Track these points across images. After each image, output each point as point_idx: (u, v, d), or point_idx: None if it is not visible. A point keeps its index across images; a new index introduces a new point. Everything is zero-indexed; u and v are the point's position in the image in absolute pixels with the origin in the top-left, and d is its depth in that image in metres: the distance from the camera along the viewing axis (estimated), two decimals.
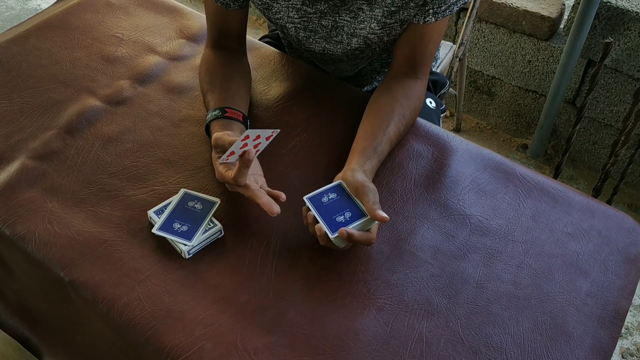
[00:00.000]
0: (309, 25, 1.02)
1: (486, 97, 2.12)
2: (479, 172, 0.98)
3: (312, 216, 0.84)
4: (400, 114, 0.98)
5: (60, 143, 0.99)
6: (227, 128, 0.92)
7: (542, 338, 0.79)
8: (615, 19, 1.67)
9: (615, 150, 1.57)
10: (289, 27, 1.04)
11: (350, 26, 0.99)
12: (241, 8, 1.03)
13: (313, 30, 1.03)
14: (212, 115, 0.94)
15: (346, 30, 1.01)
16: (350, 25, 0.99)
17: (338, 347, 0.76)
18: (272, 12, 1.02)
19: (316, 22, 1.01)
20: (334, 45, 1.05)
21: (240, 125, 0.94)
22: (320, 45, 1.05)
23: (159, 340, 0.76)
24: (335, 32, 1.02)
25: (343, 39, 1.02)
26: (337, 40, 1.03)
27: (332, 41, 1.04)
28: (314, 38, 1.04)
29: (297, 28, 1.03)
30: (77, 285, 0.82)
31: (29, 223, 0.88)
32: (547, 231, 0.91)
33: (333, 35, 1.02)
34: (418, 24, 0.96)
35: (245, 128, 0.95)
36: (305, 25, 1.02)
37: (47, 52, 1.16)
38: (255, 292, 0.81)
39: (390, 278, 0.84)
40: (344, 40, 1.03)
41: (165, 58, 1.16)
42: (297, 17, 1.01)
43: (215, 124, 0.93)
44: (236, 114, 0.94)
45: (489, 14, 1.87)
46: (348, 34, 1.01)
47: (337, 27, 1.01)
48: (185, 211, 0.88)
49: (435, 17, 0.94)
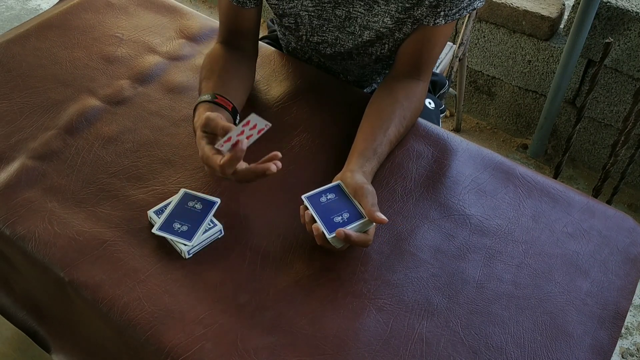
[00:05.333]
0: (322, 14, 1.03)
1: (486, 97, 2.12)
2: (479, 172, 0.98)
3: (310, 215, 0.84)
4: (401, 116, 0.98)
5: (60, 143, 0.99)
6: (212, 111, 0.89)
7: (542, 338, 0.79)
8: (615, 19, 1.67)
9: (615, 150, 1.57)
10: (303, 15, 1.04)
11: (363, 18, 1.00)
12: (256, 6, 1.03)
13: (327, 19, 1.03)
14: (202, 98, 0.93)
15: (359, 22, 1.01)
16: (363, 17, 1.00)
17: (338, 347, 0.76)
18: (286, 1, 1.02)
19: (330, 11, 1.01)
20: (346, 36, 1.05)
21: (228, 115, 0.92)
22: (333, 34, 1.06)
23: (159, 340, 0.76)
24: (349, 23, 1.02)
25: (355, 30, 1.03)
26: (350, 31, 1.04)
27: (345, 31, 1.04)
28: (327, 27, 1.05)
29: (311, 16, 1.04)
30: (77, 285, 0.82)
31: (29, 223, 0.88)
32: (547, 231, 0.91)
33: (346, 25, 1.03)
34: (428, 25, 0.96)
35: (233, 120, 0.93)
36: (320, 14, 1.03)
37: (47, 52, 1.16)
38: (255, 292, 0.81)
39: (390, 278, 0.84)
40: (356, 31, 1.03)
41: (165, 58, 1.16)
42: (311, 5, 1.02)
43: (201, 106, 0.92)
44: (226, 102, 0.93)
45: (489, 14, 1.87)
46: (361, 25, 1.01)
47: (350, 18, 1.01)
48: (185, 211, 0.88)
49: (446, 19, 0.95)
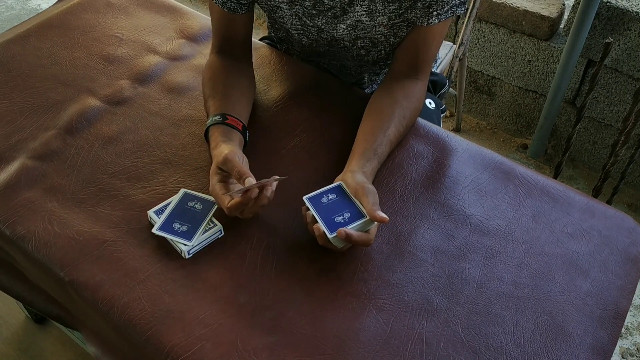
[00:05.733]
0: (310, 35, 1.05)
1: (486, 97, 2.12)
2: (479, 172, 0.98)
3: (311, 216, 0.84)
4: (400, 116, 0.98)
5: (60, 143, 0.99)
6: (226, 136, 0.91)
7: (542, 338, 0.79)
8: (615, 19, 1.67)
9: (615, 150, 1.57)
10: (292, 34, 1.06)
11: (350, 35, 1.01)
12: (247, 12, 1.03)
13: (314, 40, 1.06)
14: (213, 120, 0.94)
15: (347, 40, 1.03)
16: (350, 35, 1.01)
17: (338, 347, 0.76)
18: (277, 15, 1.04)
19: (315, 34, 1.03)
20: (338, 50, 1.07)
21: (239, 135, 0.94)
22: (324, 48, 1.08)
23: (159, 340, 0.76)
24: (336, 42, 1.04)
25: (346, 45, 1.05)
26: (340, 47, 1.06)
27: (336, 47, 1.06)
28: (317, 45, 1.07)
29: (300, 34, 1.06)
30: (77, 285, 0.82)
31: (29, 223, 0.88)
32: (547, 231, 0.91)
33: (334, 44, 1.05)
34: (422, 25, 0.96)
35: (244, 139, 0.95)
36: (307, 34, 1.05)
37: (47, 52, 1.16)
38: (256, 292, 0.81)
39: (390, 278, 0.84)
40: (347, 45, 1.05)
41: (165, 58, 1.16)
42: (299, 24, 1.03)
43: (215, 129, 0.93)
44: (236, 122, 0.94)
45: (489, 14, 1.87)
46: (350, 40, 1.03)
47: (336, 39, 1.03)
48: (185, 211, 0.88)
49: (439, 18, 0.96)
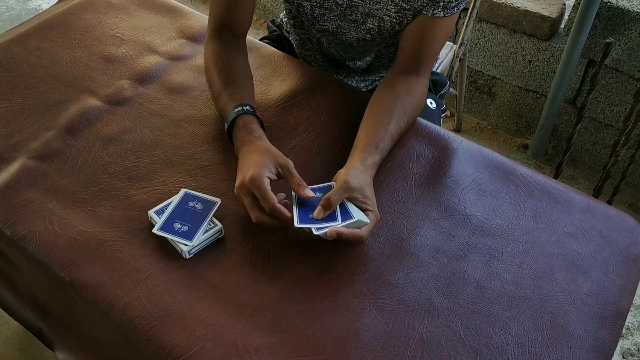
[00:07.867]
0: (324, 3, 1.04)
1: (486, 97, 2.12)
2: (480, 172, 0.98)
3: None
4: (401, 111, 0.98)
5: (61, 143, 0.99)
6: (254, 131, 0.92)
7: (542, 338, 0.78)
8: (615, 19, 1.67)
9: (616, 150, 1.57)
10: (305, 5, 1.06)
11: (365, 5, 1.02)
12: None
13: (328, 8, 1.05)
14: (242, 109, 0.94)
15: (360, 10, 1.03)
16: (365, 5, 1.01)
17: (338, 347, 0.76)
18: None
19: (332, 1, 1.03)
20: (347, 24, 1.06)
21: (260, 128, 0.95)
22: (334, 23, 1.07)
23: (159, 340, 0.76)
24: (350, 11, 1.04)
25: (357, 18, 1.04)
26: (351, 19, 1.05)
27: (347, 19, 1.06)
28: (329, 15, 1.06)
29: (313, 6, 1.05)
30: (78, 285, 0.82)
31: (30, 223, 0.88)
32: (548, 231, 0.91)
33: (347, 13, 1.04)
34: (427, 15, 0.97)
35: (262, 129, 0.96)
36: (321, 4, 1.04)
37: (47, 52, 1.16)
38: (256, 292, 0.81)
39: (391, 278, 0.84)
40: (358, 19, 1.05)
41: (165, 58, 1.16)
42: None
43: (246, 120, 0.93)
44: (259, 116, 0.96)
45: (490, 14, 1.87)
46: (362, 13, 1.03)
47: (352, 6, 1.03)
48: (185, 211, 0.88)
49: (444, 11, 0.97)
